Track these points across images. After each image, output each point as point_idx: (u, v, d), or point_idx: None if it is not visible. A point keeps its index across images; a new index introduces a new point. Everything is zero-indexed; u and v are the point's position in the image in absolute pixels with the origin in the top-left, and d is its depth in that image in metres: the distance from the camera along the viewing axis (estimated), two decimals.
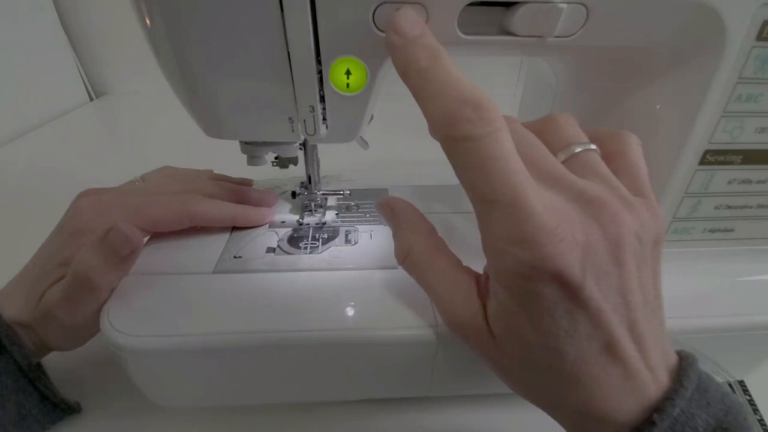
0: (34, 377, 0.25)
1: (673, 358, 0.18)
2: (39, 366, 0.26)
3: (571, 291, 0.16)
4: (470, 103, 0.16)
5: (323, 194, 0.33)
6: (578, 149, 0.19)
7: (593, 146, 0.20)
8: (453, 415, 0.29)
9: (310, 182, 0.32)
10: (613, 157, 0.20)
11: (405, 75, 0.18)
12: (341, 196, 0.34)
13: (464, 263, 0.21)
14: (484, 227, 0.17)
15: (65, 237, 0.26)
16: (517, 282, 0.16)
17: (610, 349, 0.16)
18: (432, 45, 0.18)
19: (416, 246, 0.22)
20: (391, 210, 0.23)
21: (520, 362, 0.18)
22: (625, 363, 0.16)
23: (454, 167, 0.17)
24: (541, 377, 0.18)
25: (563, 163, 0.19)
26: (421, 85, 0.18)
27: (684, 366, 0.17)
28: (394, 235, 0.23)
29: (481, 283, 0.20)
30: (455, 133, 0.17)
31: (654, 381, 0.17)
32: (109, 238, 0.23)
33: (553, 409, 0.19)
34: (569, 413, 0.18)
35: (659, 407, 0.16)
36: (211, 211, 0.29)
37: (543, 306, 0.16)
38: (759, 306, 0.25)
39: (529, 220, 0.16)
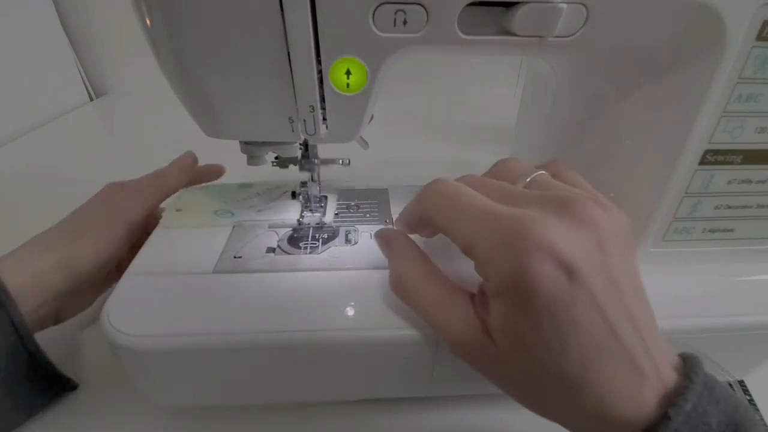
0: (29, 343, 0.25)
1: (676, 358, 0.18)
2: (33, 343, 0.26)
3: (567, 271, 0.16)
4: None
5: (322, 163, 0.32)
6: (529, 177, 0.21)
7: (542, 171, 0.22)
8: (453, 415, 0.29)
9: (312, 180, 0.32)
10: (556, 177, 0.22)
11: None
12: (339, 164, 0.34)
13: (463, 267, 0.21)
14: (471, 253, 0.19)
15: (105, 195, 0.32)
16: (512, 282, 0.17)
17: (611, 338, 0.16)
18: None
19: (408, 271, 0.22)
20: (385, 242, 0.25)
21: (527, 372, 0.18)
22: (628, 351, 0.16)
23: (434, 226, 0.21)
24: (551, 385, 0.18)
25: None
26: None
27: (690, 365, 0.17)
28: (388, 265, 0.24)
29: (476, 300, 0.20)
30: (423, 207, 0.22)
31: (656, 372, 0.17)
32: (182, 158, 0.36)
33: (567, 420, 0.18)
34: (584, 420, 0.18)
35: (672, 402, 0.16)
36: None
37: (541, 301, 0.16)
38: (759, 306, 0.25)
39: (503, 220, 0.17)
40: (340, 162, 0.33)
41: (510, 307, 0.17)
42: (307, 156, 0.30)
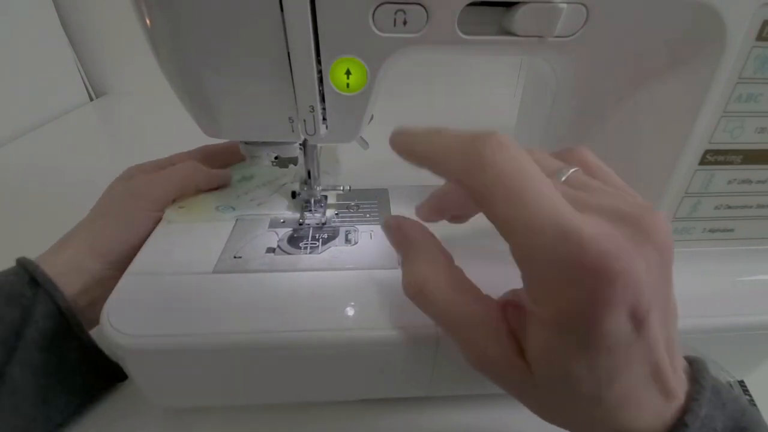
0: (76, 329, 0.25)
1: (683, 361, 0.18)
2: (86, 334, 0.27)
3: (637, 322, 0.14)
4: (479, 137, 0.16)
5: (323, 191, 0.33)
6: (565, 175, 0.18)
7: (574, 167, 0.18)
8: (453, 415, 0.29)
9: (309, 178, 0.32)
10: (584, 169, 0.19)
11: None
12: (341, 192, 0.34)
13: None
14: (526, 266, 0.15)
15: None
16: (576, 318, 0.14)
17: (655, 372, 0.16)
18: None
19: (431, 279, 0.19)
20: (402, 234, 0.21)
21: (561, 396, 0.17)
22: (664, 381, 0.16)
23: (483, 207, 0.16)
24: (582, 408, 0.17)
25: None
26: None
27: (696, 368, 0.17)
28: (404, 263, 0.20)
29: (509, 315, 0.18)
30: (472, 164, 0.16)
31: (679, 386, 0.17)
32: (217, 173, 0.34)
33: (581, 430, 0.18)
34: (601, 431, 0.17)
35: (687, 408, 0.16)
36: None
37: (603, 343, 0.14)
38: (759, 306, 0.25)
39: (578, 242, 0.14)
40: (341, 189, 0.34)
41: (564, 341, 0.15)
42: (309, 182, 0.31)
